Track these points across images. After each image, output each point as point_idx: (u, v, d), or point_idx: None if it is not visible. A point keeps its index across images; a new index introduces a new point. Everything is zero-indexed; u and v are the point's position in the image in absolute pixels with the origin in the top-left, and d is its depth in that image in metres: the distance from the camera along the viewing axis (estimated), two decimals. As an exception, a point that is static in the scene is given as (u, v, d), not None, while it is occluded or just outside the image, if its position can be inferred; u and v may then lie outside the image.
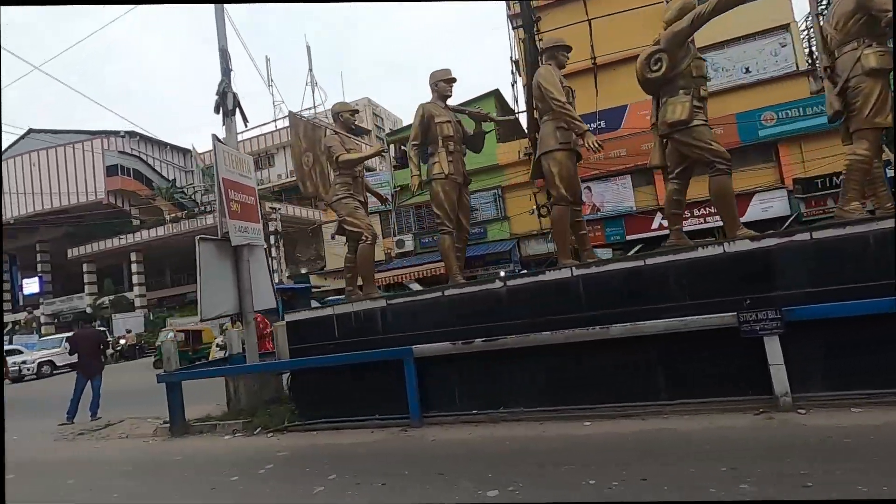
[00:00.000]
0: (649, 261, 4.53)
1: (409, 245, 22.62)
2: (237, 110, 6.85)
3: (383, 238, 23.97)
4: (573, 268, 4.78)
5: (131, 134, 34.92)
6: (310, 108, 35.03)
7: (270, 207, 25.42)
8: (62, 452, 6.33)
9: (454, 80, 5.68)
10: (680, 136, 4.70)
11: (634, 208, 19.01)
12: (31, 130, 33.65)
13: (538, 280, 4.90)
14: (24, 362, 20.00)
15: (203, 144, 34.82)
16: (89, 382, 8.30)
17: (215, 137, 6.47)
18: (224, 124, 6.80)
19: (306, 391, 5.72)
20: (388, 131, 33.09)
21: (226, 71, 6.77)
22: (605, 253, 19.81)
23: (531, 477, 3.54)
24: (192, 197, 35.19)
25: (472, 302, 5.07)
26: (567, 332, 4.56)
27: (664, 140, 5.00)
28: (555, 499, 3.23)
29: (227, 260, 6.52)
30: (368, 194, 6.19)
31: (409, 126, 5.42)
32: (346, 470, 4.16)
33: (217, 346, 16.58)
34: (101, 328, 23.60)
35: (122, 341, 25.57)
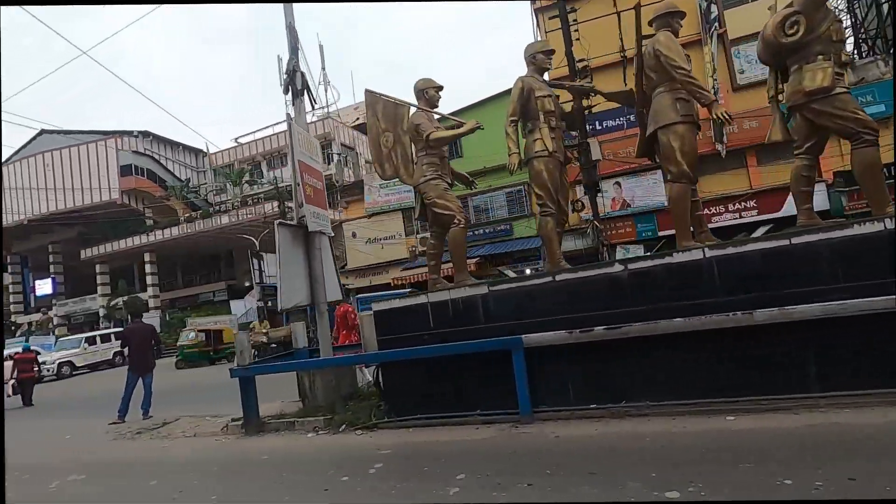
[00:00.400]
0: (795, 240, 4.14)
1: (433, 243, 22.10)
2: (305, 91, 6.48)
3: (406, 237, 23.54)
4: (705, 248, 4.39)
5: (144, 134, 34.70)
6: (323, 107, 34.77)
7: (288, 207, 25.10)
8: (126, 452, 5.96)
9: (553, 51, 5.31)
10: (819, 106, 4.30)
11: (666, 203, 18.56)
12: (43, 131, 33.36)
13: (664, 263, 4.51)
14: (43, 363, 19.78)
15: (211, 144, 34.54)
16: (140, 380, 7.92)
17: (289, 117, 6.10)
18: (294, 104, 6.41)
19: (398, 385, 5.33)
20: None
21: (294, 49, 6.40)
22: (637, 250, 19.42)
23: (707, 476, 3.14)
24: (205, 197, 34.90)
25: (587, 287, 4.68)
26: (703, 319, 4.18)
27: (784, 112, 4.63)
28: (751, 498, 2.85)
29: (300, 248, 6.12)
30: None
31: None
32: (473, 469, 3.78)
33: (245, 345, 16.15)
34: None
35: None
